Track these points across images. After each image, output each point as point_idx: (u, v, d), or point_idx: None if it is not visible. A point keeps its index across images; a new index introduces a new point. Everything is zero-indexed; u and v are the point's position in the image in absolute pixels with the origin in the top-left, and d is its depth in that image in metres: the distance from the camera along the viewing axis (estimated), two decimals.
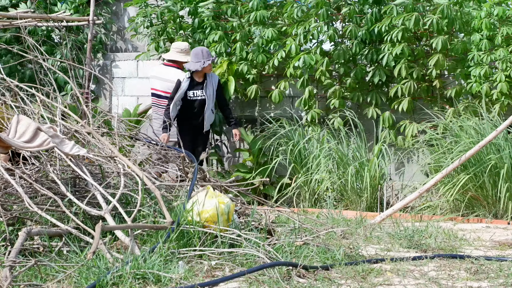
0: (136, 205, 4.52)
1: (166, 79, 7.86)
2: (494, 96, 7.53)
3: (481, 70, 7.60)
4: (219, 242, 4.35)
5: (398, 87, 7.98)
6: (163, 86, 7.86)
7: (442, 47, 7.67)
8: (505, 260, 4.61)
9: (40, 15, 8.57)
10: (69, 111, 5.97)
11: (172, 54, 7.95)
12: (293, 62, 8.20)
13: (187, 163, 6.00)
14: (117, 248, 4.23)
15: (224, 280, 3.79)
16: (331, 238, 5.21)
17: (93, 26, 8.59)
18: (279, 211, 5.87)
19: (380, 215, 6.48)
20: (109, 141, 5.63)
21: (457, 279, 4.08)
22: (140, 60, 9.76)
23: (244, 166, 8.41)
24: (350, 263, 4.32)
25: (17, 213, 4.42)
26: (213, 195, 4.62)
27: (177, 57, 7.91)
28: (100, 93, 10.08)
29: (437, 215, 7.08)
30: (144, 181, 4.76)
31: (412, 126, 7.92)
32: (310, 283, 3.87)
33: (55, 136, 4.85)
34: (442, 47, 7.68)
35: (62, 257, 4.06)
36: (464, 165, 7.02)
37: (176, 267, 3.88)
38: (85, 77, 8.70)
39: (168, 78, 7.84)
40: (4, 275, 3.46)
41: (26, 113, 5.69)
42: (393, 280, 4.03)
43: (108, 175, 5.15)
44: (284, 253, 4.40)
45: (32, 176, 4.77)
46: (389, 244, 5.20)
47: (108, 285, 3.56)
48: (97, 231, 3.85)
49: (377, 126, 8.18)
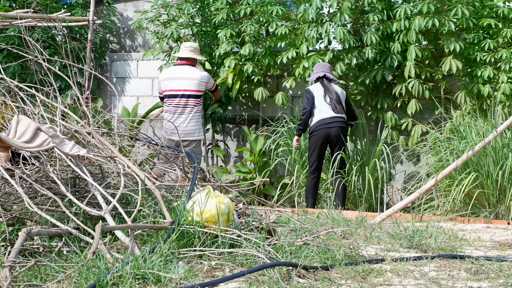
0: (136, 205, 4.52)
1: (187, 77, 7.84)
2: (498, 98, 7.53)
3: (484, 71, 7.60)
4: (219, 242, 4.35)
5: (403, 86, 7.96)
6: (187, 84, 7.83)
7: (458, 50, 7.62)
8: (505, 261, 4.61)
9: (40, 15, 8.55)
10: (69, 111, 5.96)
11: (186, 52, 7.96)
12: (304, 62, 8.16)
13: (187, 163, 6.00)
14: (117, 248, 4.23)
15: (224, 280, 3.79)
16: (331, 238, 5.21)
17: (93, 26, 8.58)
18: (279, 211, 5.87)
19: (380, 215, 6.48)
20: (109, 141, 5.62)
21: (457, 279, 4.08)
22: (141, 60, 9.76)
23: (244, 166, 8.41)
24: (350, 263, 4.32)
25: (17, 213, 4.42)
26: (213, 195, 4.62)
27: (192, 55, 7.94)
28: (101, 93, 10.08)
29: (437, 215, 7.08)
30: (144, 181, 4.76)
31: (416, 128, 7.91)
32: (310, 283, 3.86)
33: (55, 136, 4.85)
34: (458, 50, 7.63)
35: (62, 257, 4.06)
36: (465, 165, 7.02)
37: (176, 267, 3.88)
38: (85, 77, 8.70)
39: (190, 76, 7.84)
40: (4, 275, 3.46)
41: (26, 113, 5.68)
42: (393, 280, 4.03)
43: (108, 175, 5.15)
44: (284, 253, 4.40)
45: (32, 176, 4.76)
46: (389, 244, 5.19)
47: (108, 285, 3.56)
48: (97, 231, 3.84)
49: (378, 126, 8.18)
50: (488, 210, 7.04)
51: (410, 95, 8.04)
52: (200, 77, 7.87)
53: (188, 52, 7.94)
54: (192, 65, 7.96)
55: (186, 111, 7.82)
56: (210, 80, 8.04)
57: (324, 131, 7.61)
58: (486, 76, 7.60)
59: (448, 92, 8.09)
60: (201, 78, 7.87)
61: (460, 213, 7.06)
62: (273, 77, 8.92)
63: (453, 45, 7.63)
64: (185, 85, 7.81)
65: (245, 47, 8.38)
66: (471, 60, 7.85)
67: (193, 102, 7.84)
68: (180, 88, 7.84)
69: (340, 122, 7.62)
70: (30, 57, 6.94)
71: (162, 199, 4.55)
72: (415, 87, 7.87)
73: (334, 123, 7.61)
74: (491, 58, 7.66)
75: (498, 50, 7.65)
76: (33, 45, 6.96)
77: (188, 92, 7.82)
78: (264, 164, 8.33)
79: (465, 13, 7.52)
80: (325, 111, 7.62)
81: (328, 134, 7.61)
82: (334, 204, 7.29)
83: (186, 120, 7.79)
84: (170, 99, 7.89)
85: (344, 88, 8.33)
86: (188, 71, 7.90)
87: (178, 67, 7.97)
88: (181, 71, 7.91)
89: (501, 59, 7.60)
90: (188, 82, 7.81)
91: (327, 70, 7.79)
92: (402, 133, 8.22)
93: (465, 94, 7.77)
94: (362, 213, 7.05)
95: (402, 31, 7.74)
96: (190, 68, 7.93)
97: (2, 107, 5.67)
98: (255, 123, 9.00)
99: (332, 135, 7.61)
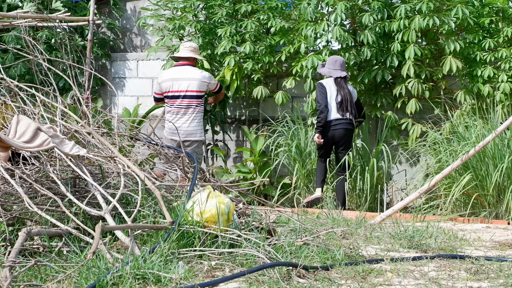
0: (136, 205, 4.52)
1: (188, 78, 7.82)
2: (497, 97, 7.53)
3: (484, 70, 7.60)
4: (219, 242, 4.35)
5: (403, 86, 7.96)
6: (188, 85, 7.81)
7: (458, 50, 7.61)
8: (505, 261, 4.61)
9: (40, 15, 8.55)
10: (69, 111, 5.96)
11: (186, 52, 7.94)
12: (302, 61, 8.16)
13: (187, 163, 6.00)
14: (117, 248, 4.23)
15: (224, 280, 3.78)
16: (331, 238, 5.21)
17: (93, 26, 8.57)
18: (279, 211, 5.87)
19: (380, 215, 6.48)
20: (109, 141, 5.62)
21: (457, 280, 4.08)
22: (141, 60, 9.76)
23: (244, 166, 8.41)
24: (350, 263, 4.32)
25: (17, 213, 4.42)
26: (213, 195, 4.62)
27: (192, 55, 7.92)
28: (101, 93, 10.08)
29: (438, 215, 7.08)
30: (144, 181, 4.76)
31: (415, 127, 7.91)
32: (310, 283, 3.86)
33: (55, 136, 4.85)
34: (458, 50, 7.62)
35: (62, 257, 4.06)
36: (465, 166, 7.02)
37: (176, 267, 3.88)
38: (85, 77, 8.70)
39: (191, 76, 7.81)
40: (4, 275, 3.46)
41: (26, 113, 5.68)
42: (393, 281, 4.02)
43: (108, 175, 5.14)
44: (284, 253, 4.40)
45: (32, 176, 4.76)
46: (389, 244, 5.19)
47: (108, 285, 3.56)
48: (97, 231, 3.84)
49: (378, 126, 8.18)
50: (488, 210, 7.04)
51: (409, 95, 8.03)
52: (201, 78, 7.86)
53: (188, 52, 7.92)
54: (192, 65, 7.95)
55: (189, 111, 7.81)
56: (212, 80, 8.02)
57: (329, 132, 7.59)
58: (486, 76, 7.59)
59: (448, 92, 8.09)
60: (202, 79, 7.86)
61: (460, 213, 7.06)
62: (273, 76, 8.92)
63: (453, 45, 7.62)
64: (186, 86, 7.80)
65: (245, 45, 8.38)
66: (471, 60, 7.84)
67: (195, 102, 7.83)
68: (182, 89, 7.82)
69: (345, 123, 7.59)
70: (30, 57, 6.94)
71: (162, 199, 4.55)
72: (415, 87, 7.87)
73: (339, 125, 7.58)
74: (491, 58, 7.66)
75: (498, 50, 7.65)
76: (33, 45, 6.96)
77: (190, 93, 7.81)
78: (264, 164, 8.33)
79: (465, 13, 7.51)
80: (332, 111, 7.60)
81: (333, 135, 7.59)
82: (334, 204, 7.29)
83: (188, 120, 7.78)
84: (172, 100, 7.87)
85: None
86: (189, 71, 7.89)
87: (178, 68, 7.95)
88: (182, 72, 7.89)
89: (501, 58, 7.60)
90: (189, 82, 7.79)
91: (344, 68, 7.71)
92: (402, 133, 8.22)
93: (464, 93, 7.76)
94: (362, 213, 7.06)
95: (401, 30, 7.74)
96: (191, 68, 7.91)
97: (2, 107, 5.67)
98: (255, 122, 9.00)
99: (337, 137, 7.60)
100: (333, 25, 7.95)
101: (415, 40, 7.70)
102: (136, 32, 10.23)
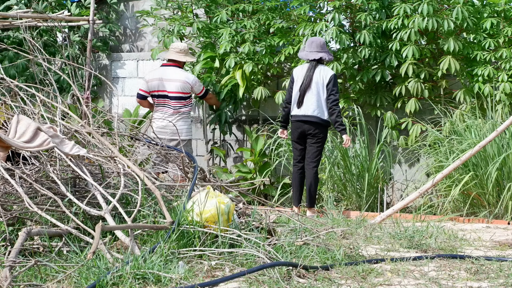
0: (136, 205, 4.52)
1: (171, 79, 7.79)
2: (498, 97, 7.52)
3: (484, 70, 7.59)
4: (219, 242, 4.35)
5: (402, 86, 7.95)
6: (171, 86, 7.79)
7: (457, 50, 7.61)
8: (505, 260, 4.61)
9: (40, 15, 8.56)
10: (69, 111, 5.96)
11: (171, 53, 7.90)
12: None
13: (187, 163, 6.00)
14: (117, 248, 4.23)
15: (224, 280, 3.79)
16: (331, 238, 5.21)
17: (93, 26, 8.58)
18: (279, 211, 5.87)
19: (380, 215, 6.48)
20: (109, 141, 5.62)
21: (457, 279, 4.08)
22: (141, 60, 9.76)
23: (245, 166, 8.41)
24: (350, 263, 4.32)
25: (17, 213, 4.42)
26: (213, 195, 4.62)
27: (176, 57, 7.87)
28: (101, 93, 10.08)
29: (438, 215, 7.09)
30: (144, 181, 4.76)
31: (415, 127, 7.91)
32: (310, 283, 3.86)
33: (55, 136, 4.85)
34: (457, 50, 7.62)
35: (62, 257, 4.06)
36: (465, 165, 7.02)
37: (176, 267, 3.88)
38: (85, 77, 8.71)
39: (174, 78, 7.78)
40: (4, 275, 3.46)
41: (26, 113, 5.68)
42: (393, 280, 4.03)
43: (108, 175, 5.15)
44: (284, 253, 4.40)
45: (32, 176, 4.76)
46: (389, 244, 5.19)
47: (108, 285, 3.56)
48: (97, 231, 3.84)
49: (378, 126, 8.18)
50: (488, 210, 7.04)
51: (409, 95, 8.03)
52: (184, 79, 7.78)
53: (173, 54, 7.87)
54: (178, 67, 7.87)
55: (174, 111, 7.78)
56: (197, 84, 7.92)
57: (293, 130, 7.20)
58: (486, 75, 7.59)
59: (448, 92, 8.09)
60: (185, 79, 7.78)
61: (459, 213, 7.06)
62: (273, 76, 8.92)
63: (452, 45, 7.62)
64: (170, 87, 7.77)
65: (244, 46, 8.38)
66: (471, 59, 7.84)
67: (180, 103, 7.78)
68: (167, 89, 7.79)
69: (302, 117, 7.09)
70: (30, 57, 6.95)
71: (162, 199, 4.55)
72: (415, 86, 7.86)
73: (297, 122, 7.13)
74: (491, 57, 7.66)
75: (498, 49, 7.65)
76: (33, 45, 6.97)
77: (174, 94, 7.77)
78: (265, 164, 8.33)
79: (465, 14, 7.51)
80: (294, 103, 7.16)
81: (296, 133, 7.18)
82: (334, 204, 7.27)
83: (174, 120, 7.73)
84: (158, 99, 7.87)
85: (342, 87, 8.33)
86: (173, 72, 7.81)
87: (164, 68, 7.90)
88: (166, 72, 7.83)
89: (501, 58, 7.60)
90: (173, 83, 7.76)
91: (322, 50, 7.12)
92: (402, 133, 8.22)
93: (464, 93, 7.76)
94: (362, 213, 7.06)
95: (400, 29, 7.74)
96: (176, 69, 7.83)
97: (2, 107, 5.67)
98: (255, 122, 9.00)
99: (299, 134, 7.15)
100: (331, 25, 7.95)
101: (414, 40, 7.69)
102: (136, 32, 10.23)
